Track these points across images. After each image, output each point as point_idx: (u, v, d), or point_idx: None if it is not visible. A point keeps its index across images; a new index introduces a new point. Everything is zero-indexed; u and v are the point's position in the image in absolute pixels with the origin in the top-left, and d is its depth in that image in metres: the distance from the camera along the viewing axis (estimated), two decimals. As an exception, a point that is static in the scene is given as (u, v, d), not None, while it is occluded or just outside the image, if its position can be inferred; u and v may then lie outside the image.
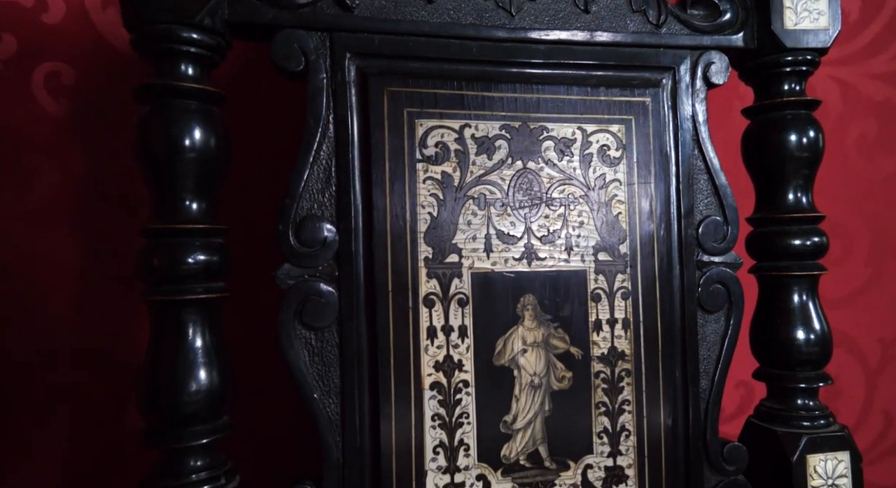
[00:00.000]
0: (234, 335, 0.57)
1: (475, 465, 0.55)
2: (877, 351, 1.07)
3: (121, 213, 0.79)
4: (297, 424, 0.80)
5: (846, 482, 0.60)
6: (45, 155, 0.78)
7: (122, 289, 0.79)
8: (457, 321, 0.55)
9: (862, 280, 1.05)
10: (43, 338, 0.77)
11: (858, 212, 1.04)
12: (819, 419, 0.61)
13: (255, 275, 0.67)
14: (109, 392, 0.78)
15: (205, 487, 0.48)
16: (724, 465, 0.61)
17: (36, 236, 0.78)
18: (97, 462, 0.77)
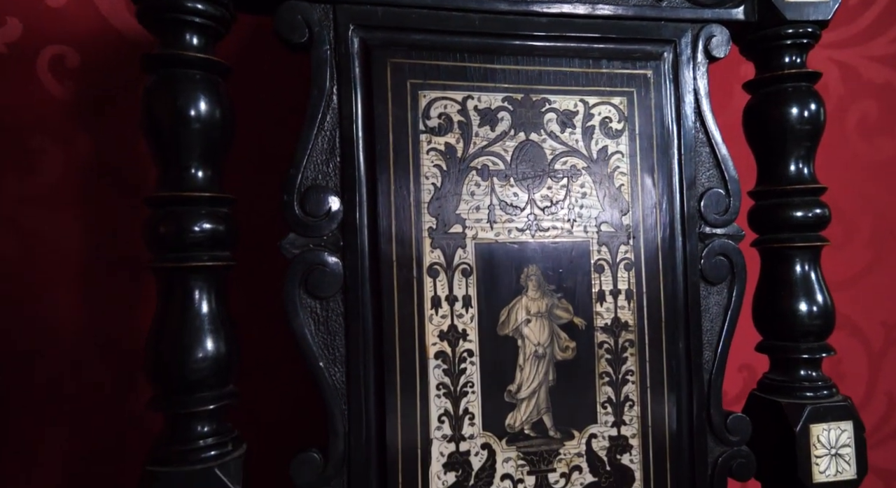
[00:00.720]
0: (239, 310, 0.57)
1: (480, 434, 0.55)
2: (880, 334, 1.08)
3: (126, 197, 0.79)
4: (300, 403, 0.80)
5: (849, 451, 0.60)
6: (51, 138, 0.79)
7: (128, 272, 0.79)
8: (461, 291, 0.56)
9: (864, 263, 1.05)
10: (47, 322, 0.77)
11: (859, 195, 1.04)
12: (822, 389, 0.61)
13: (259, 251, 0.68)
14: (113, 375, 0.79)
15: (212, 452, 0.49)
16: (727, 436, 0.61)
17: (41, 219, 0.78)
18: (98, 449, 0.77)
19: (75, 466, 0.76)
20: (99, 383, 0.78)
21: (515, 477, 0.56)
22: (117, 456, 0.78)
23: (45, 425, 0.76)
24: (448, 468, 0.55)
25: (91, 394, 0.78)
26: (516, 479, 0.56)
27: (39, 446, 0.76)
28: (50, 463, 0.76)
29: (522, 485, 0.56)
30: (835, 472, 0.60)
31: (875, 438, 1.07)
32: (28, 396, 0.76)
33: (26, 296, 0.77)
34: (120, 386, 0.79)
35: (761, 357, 0.67)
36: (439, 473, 0.54)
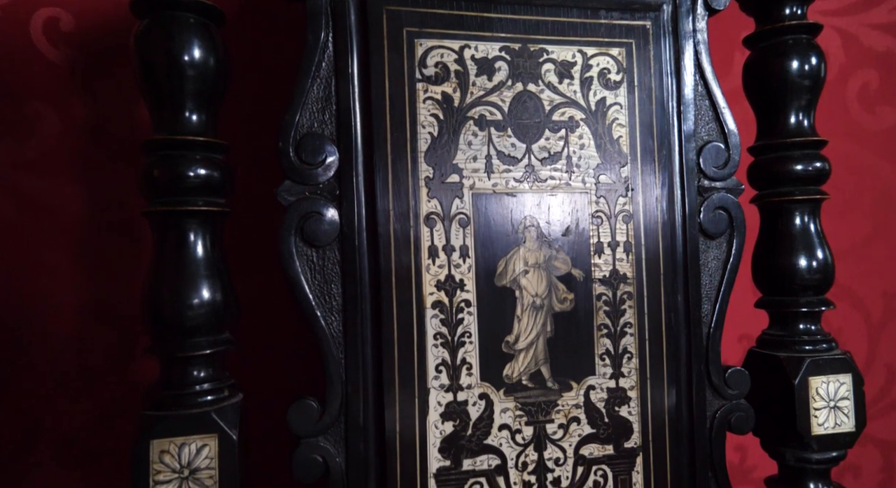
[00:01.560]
0: (235, 261, 0.57)
1: (478, 384, 0.55)
2: (879, 305, 1.07)
3: (123, 162, 0.79)
4: (298, 356, 0.79)
5: (848, 404, 0.60)
6: (46, 102, 0.78)
7: (125, 239, 0.79)
8: (458, 241, 0.55)
9: (864, 233, 1.05)
10: (44, 286, 0.77)
11: (860, 164, 1.03)
12: (821, 343, 0.61)
13: (254, 202, 0.67)
14: (112, 340, 0.78)
15: (208, 397, 0.48)
16: (726, 390, 0.61)
17: (37, 184, 0.78)
18: (96, 416, 0.77)
19: (74, 433, 0.76)
20: (97, 348, 0.78)
21: (513, 428, 0.56)
22: (119, 422, 0.78)
23: (43, 391, 0.76)
24: (446, 417, 0.54)
25: (89, 359, 0.78)
26: (514, 430, 0.56)
27: (41, 414, 0.76)
28: (52, 432, 0.76)
29: (520, 436, 0.56)
30: (833, 425, 0.60)
31: (874, 409, 1.07)
32: (25, 359, 0.76)
33: (23, 260, 0.76)
34: (119, 351, 0.78)
35: (761, 326, 0.67)
36: (437, 422, 0.54)
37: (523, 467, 0.56)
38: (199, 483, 0.47)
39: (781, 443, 0.61)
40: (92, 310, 0.78)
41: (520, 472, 0.56)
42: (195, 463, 0.47)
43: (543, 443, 0.56)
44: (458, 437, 0.55)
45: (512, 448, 0.56)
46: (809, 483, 0.61)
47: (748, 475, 1.02)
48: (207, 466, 0.47)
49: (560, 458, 0.56)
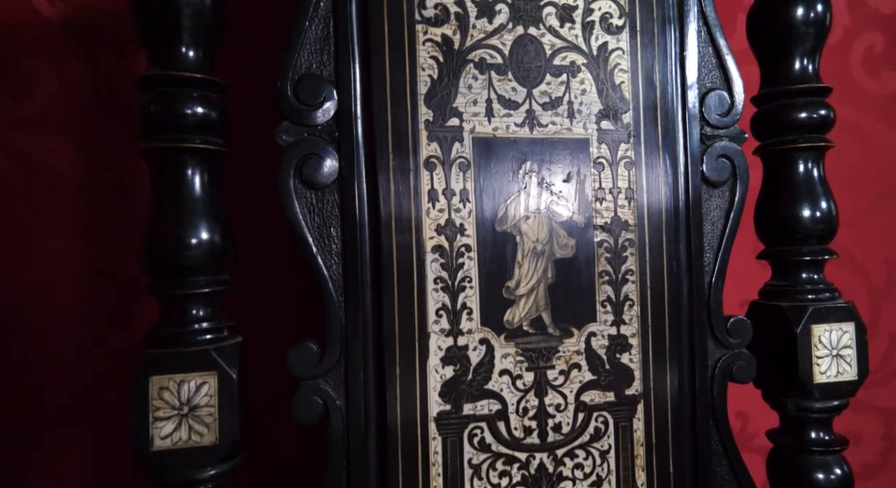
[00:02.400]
0: (235, 206, 0.56)
1: (478, 329, 0.55)
2: (882, 272, 1.07)
3: (121, 122, 0.78)
4: (297, 300, 0.79)
5: (850, 353, 0.60)
6: (44, 61, 0.78)
7: (124, 201, 0.79)
8: (458, 185, 0.55)
9: (867, 200, 1.04)
10: (41, 250, 0.77)
11: (863, 129, 1.02)
12: (824, 292, 0.61)
13: (251, 147, 0.67)
14: (110, 301, 0.78)
15: (207, 336, 0.48)
16: (728, 338, 0.60)
17: (34, 144, 0.77)
18: (99, 375, 0.77)
19: (79, 393, 0.76)
20: (94, 309, 0.78)
21: (514, 373, 0.55)
22: (123, 381, 0.77)
23: (45, 353, 0.76)
24: (446, 362, 0.54)
25: (87, 320, 0.77)
26: (515, 375, 0.56)
27: (44, 376, 0.76)
28: (57, 392, 0.76)
29: (521, 382, 0.56)
30: (836, 373, 0.59)
31: (875, 377, 1.07)
32: (23, 319, 0.75)
33: (20, 220, 0.76)
34: (120, 312, 0.78)
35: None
36: (437, 367, 0.54)
37: (524, 412, 0.56)
38: (199, 420, 0.47)
39: (783, 393, 0.61)
40: (91, 271, 0.78)
41: (521, 418, 0.55)
42: (195, 400, 0.47)
43: (544, 389, 0.56)
44: (459, 382, 0.54)
45: (512, 393, 0.55)
46: (811, 432, 0.60)
47: (749, 442, 1.02)
48: (207, 403, 0.47)
49: (561, 404, 0.56)
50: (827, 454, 0.60)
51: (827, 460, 0.60)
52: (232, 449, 0.48)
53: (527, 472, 0.55)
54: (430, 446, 0.54)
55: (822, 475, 0.60)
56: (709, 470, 0.59)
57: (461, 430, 0.54)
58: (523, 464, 0.55)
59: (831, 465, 0.60)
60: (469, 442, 0.54)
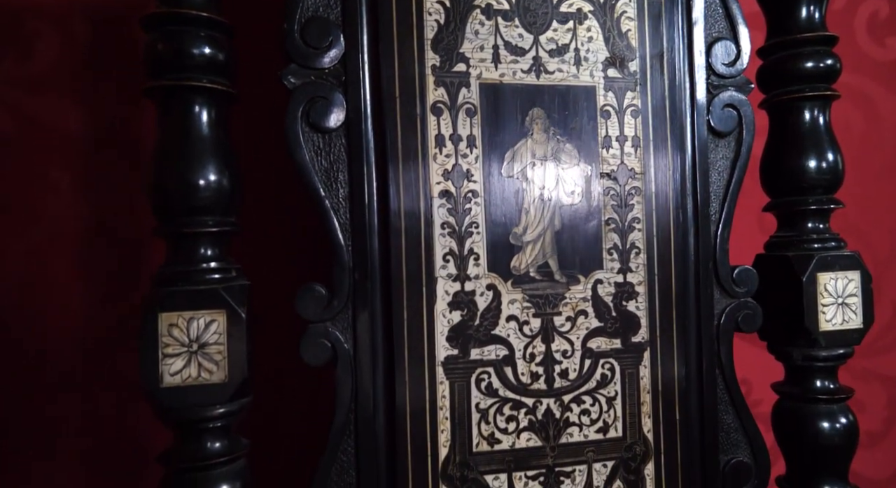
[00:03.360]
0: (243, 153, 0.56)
1: (485, 275, 0.55)
2: (886, 242, 1.07)
3: (123, 80, 0.78)
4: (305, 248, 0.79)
5: (856, 301, 0.60)
6: (47, 21, 0.77)
7: (127, 161, 0.79)
8: (465, 131, 0.55)
9: (873, 169, 1.04)
10: (44, 205, 0.76)
11: (868, 98, 1.02)
12: (830, 241, 0.61)
13: (259, 96, 0.66)
14: (113, 264, 0.78)
15: (215, 275, 0.48)
16: (734, 287, 0.60)
17: (38, 103, 0.77)
18: (101, 340, 0.77)
19: (79, 358, 0.77)
20: (99, 270, 0.78)
21: (521, 319, 0.56)
22: (126, 344, 0.78)
23: (44, 317, 0.76)
24: (453, 307, 0.54)
25: (91, 281, 0.77)
26: (522, 321, 0.56)
27: (43, 342, 0.76)
28: (57, 357, 0.76)
29: (528, 328, 0.56)
30: (841, 321, 0.60)
31: (879, 345, 1.07)
32: (24, 279, 0.76)
33: (23, 178, 0.76)
34: (121, 273, 0.78)
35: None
36: (444, 311, 0.54)
37: (531, 358, 0.56)
38: (208, 357, 0.47)
39: (789, 343, 0.61)
40: (93, 231, 0.78)
41: (527, 363, 0.56)
42: (203, 337, 0.47)
43: (551, 335, 0.56)
44: (466, 327, 0.55)
45: (519, 339, 0.56)
46: (816, 381, 0.61)
47: (753, 409, 1.02)
48: (216, 341, 0.47)
49: (568, 351, 0.56)
50: (832, 402, 0.60)
51: (832, 409, 0.60)
52: (241, 387, 0.48)
53: (534, 417, 0.56)
54: (437, 390, 0.54)
55: (828, 424, 0.60)
56: (714, 418, 0.60)
57: (468, 375, 0.55)
58: (530, 410, 0.56)
59: (836, 414, 0.60)
60: (476, 387, 0.55)
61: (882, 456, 1.08)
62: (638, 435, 0.58)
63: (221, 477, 0.48)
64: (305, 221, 0.76)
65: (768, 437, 0.64)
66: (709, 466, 0.59)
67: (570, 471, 0.56)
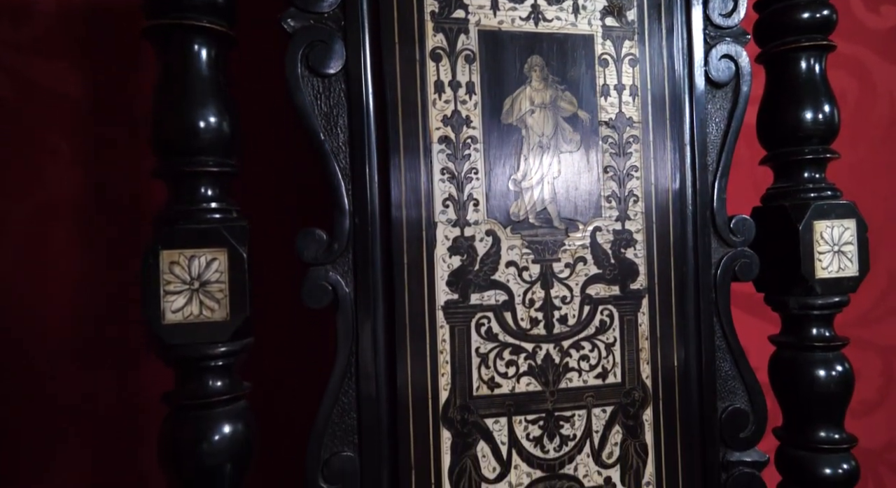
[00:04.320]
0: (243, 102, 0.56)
1: (485, 221, 0.55)
2: (881, 209, 1.08)
3: (122, 43, 0.78)
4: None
5: (852, 249, 0.61)
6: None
7: (126, 126, 0.79)
8: (464, 77, 0.55)
9: (869, 139, 1.04)
10: (43, 171, 0.76)
11: (862, 63, 1.02)
12: (826, 190, 0.61)
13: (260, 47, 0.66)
14: (112, 230, 0.78)
15: (216, 215, 0.48)
16: (731, 237, 0.61)
17: (36, 67, 0.77)
18: (100, 310, 0.77)
19: (78, 328, 0.76)
20: (98, 235, 0.78)
21: (520, 265, 0.56)
22: (127, 312, 0.78)
23: (41, 287, 0.76)
24: (453, 252, 0.55)
25: (90, 241, 0.77)
26: (521, 267, 0.56)
27: (42, 310, 0.75)
28: (55, 328, 0.76)
29: (527, 273, 0.56)
30: (837, 268, 0.60)
31: (874, 314, 1.08)
32: (21, 245, 0.76)
33: (21, 142, 0.76)
34: (120, 245, 0.78)
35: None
36: (444, 256, 0.55)
37: (530, 304, 0.56)
38: (210, 295, 0.47)
39: (786, 292, 0.61)
40: (93, 196, 0.77)
41: (527, 309, 0.56)
42: (205, 275, 0.47)
43: (550, 282, 0.57)
44: (466, 272, 0.55)
45: (519, 284, 0.56)
46: (812, 329, 0.61)
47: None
48: (217, 280, 0.48)
49: (567, 297, 0.57)
50: (828, 350, 0.61)
51: (828, 356, 0.61)
52: (243, 326, 0.48)
53: (533, 362, 0.56)
54: (437, 334, 0.54)
55: (824, 372, 0.61)
56: (712, 366, 0.60)
57: (468, 319, 0.55)
58: (530, 355, 0.56)
59: (832, 362, 0.61)
60: (476, 332, 0.55)
61: (877, 423, 1.09)
62: (637, 382, 0.58)
63: (223, 416, 0.48)
64: (305, 166, 0.76)
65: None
66: (707, 413, 0.60)
67: (569, 416, 0.57)
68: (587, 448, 0.57)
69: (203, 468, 0.48)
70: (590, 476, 0.57)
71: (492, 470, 0.55)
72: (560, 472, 0.56)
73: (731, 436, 0.60)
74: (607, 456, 0.57)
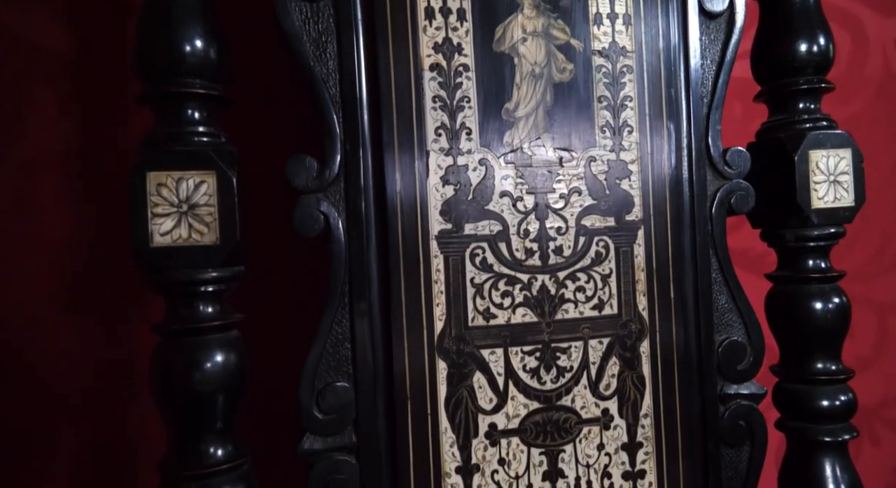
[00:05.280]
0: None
1: (477, 150, 0.55)
2: (875, 169, 1.07)
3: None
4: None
5: (847, 179, 0.60)
6: (24, -67, 0.76)
7: (114, 78, 0.77)
8: (455, 3, 0.54)
9: (861, 95, 1.04)
10: (27, 125, 0.75)
11: (854, 16, 1.02)
12: (821, 121, 0.61)
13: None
14: (102, 176, 0.77)
15: (204, 138, 0.47)
16: (725, 168, 0.60)
17: (20, 19, 0.75)
18: (83, 268, 0.76)
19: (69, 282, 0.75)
20: (87, 186, 0.77)
21: (514, 195, 0.55)
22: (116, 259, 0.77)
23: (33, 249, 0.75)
24: (446, 181, 0.54)
25: (79, 193, 0.76)
26: (515, 197, 0.55)
27: (39, 270, 0.74)
28: (51, 286, 0.75)
29: (521, 204, 0.56)
30: (833, 198, 0.60)
31: (869, 271, 1.08)
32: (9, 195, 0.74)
33: (6, 94, 0.75)
34: (113, 190, 0.77)
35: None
36: (437, 185, 0.54)
37: (525, 234, 0.55)
38: (199, 219, 0.47)
39: (782, 225, 0.61)
40: (81, 148, 0.76)
41: (522, 239, 0.55)
42: (193, 198, 0.46)
43: (545, 212, 0.56)
44: (459, 201, 0.54)
45: (513, 215, 0.55)
46: (808, 260, 0.61)
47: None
48: (206, 203, 0.47)
49: (562, 227, 0.56)
50: (825, 282, 0.60)
51: (824, 288, 0.60)
52: (233, 252, 0.48)
53: (529, 293, 0.55)
54: (431, 264, 0.53)
55: (821, 304, 0.60)
56: (709, 298, 0.60)
57: (462, 250, 0.54)
58: (525, 285, 0.55)
59: (829, 294, 0.60)
60: (471, 262, 0.54)
61: (872, 380, 1.09)
62: (633, 313, 0.58)
63: (215, 344, 0.48)
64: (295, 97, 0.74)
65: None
66: (704, 345, 0.59)
67: (566, 348, 0.56)
68: (584, 379, 0.56)
69: (195, 396, 0.47)
70: (587, 407, 0.56)
71: (488, 401, 0.54)
72: (557, 404, 0.56)
73: (729, 369, 0.60)
74: (604, 388, 0.57)
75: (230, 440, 0.48)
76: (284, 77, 0.76)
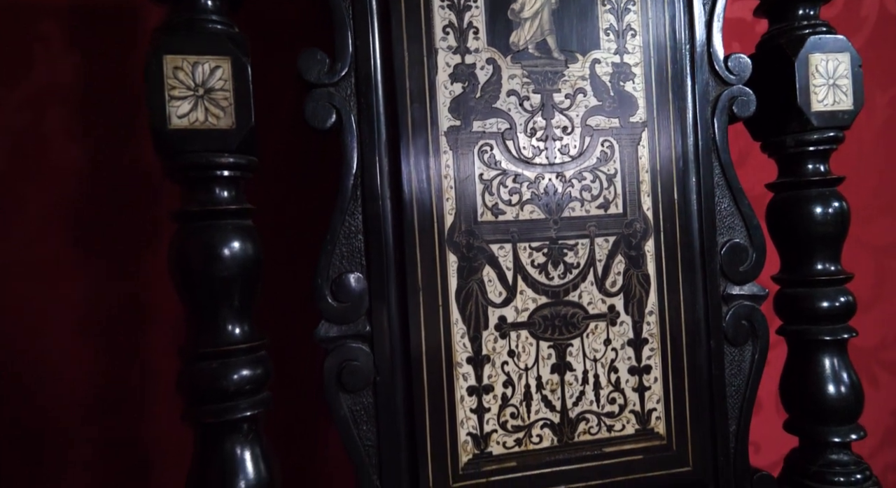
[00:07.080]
0: None
1: (485, 49, 0.56)
2: (867, 117, 1.09)
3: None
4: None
5: (846, 83, 0.62)
6: None
7: (121, 13, 0.78)
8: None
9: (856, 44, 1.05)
10: (34, 59, 0.75)
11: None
12: (821, 27, 0.62)
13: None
14: (112, 113, 0.78)
15: (219, 26, 0.48)
16: (727, 74, 0.61)
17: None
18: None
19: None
20: (96, 124, 0.77)
21: (521, 94, 0.56)
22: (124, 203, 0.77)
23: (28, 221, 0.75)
24: (454, 79, 0.55)
25: (88, 131, 0.77)
26: (522, 96, 0.57)
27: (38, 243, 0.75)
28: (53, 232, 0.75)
29: (528, 103, 0.57)
30: (832, 102, 0.61)
31: (865, 214, 1.09)
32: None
33: (12, 28, 0.75)
34: (121, 126, 0.78)
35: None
36: (446, 83, 0.55)
37: (532, 132, 0.57)
38: (215, 103, 0.48)
39: (782, 131, 0.62)
40: (90, 86, 0.77)
41: (529, 138, 0.57)
42: (209, 83, 0.47)
43: (551, 112, 0.57)
44: (468, 99, 0.55)
45: (520, 114, 0.56)
46: (809, 165, 0.62)
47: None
48: (222, 88, 0.48)
49: (568, 127, 0.57)
50: (824, 185, 0.62)
51: (824, 193, 0.62)
52: (248, 137, 0.49)
53: (536, 191, 0.57)
54: (441, 159, 0.55)
55: (820, 209, 0.62)
56: (711, 200, 0.61)
57: (471, 146, 0.55)
58: (532, 183, 0.57)
59: (829, 198, 0.62)
60: (479, 158, 0.56)
61: (871, 323, 1.11)
62: (638, 213, 0.59)
63: (231, 230, 0.49)
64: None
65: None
66: (707, 246, 0.60)
67: (573, 244, 0.57)
68: (591, 276, 0.58)
69: (213, 279, 0.48)
70: (594, 303, 0.58)
71: (498, 295, 0.56)
72: (565, 299, 0.57)
73: (731, 270, 0.61)
74: (611, 285, 0.58)
75: (247, 321, 0.49)
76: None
